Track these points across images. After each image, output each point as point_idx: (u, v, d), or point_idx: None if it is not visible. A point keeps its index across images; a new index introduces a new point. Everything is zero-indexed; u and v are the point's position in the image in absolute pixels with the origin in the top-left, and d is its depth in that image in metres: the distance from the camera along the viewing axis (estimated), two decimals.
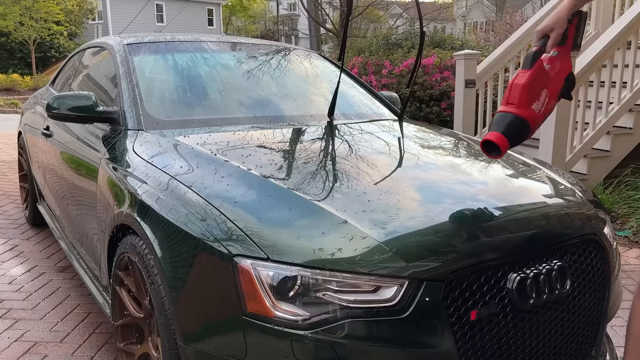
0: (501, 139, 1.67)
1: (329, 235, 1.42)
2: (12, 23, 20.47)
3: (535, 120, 1.74)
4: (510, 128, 1.69)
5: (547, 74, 1.76)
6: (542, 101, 1.74)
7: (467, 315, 1.39)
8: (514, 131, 1.70)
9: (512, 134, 1.69)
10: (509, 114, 1.70)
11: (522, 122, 1.71)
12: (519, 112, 1.70)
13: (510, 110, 1.71)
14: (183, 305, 1.51)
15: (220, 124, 2.32)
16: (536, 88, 1.73)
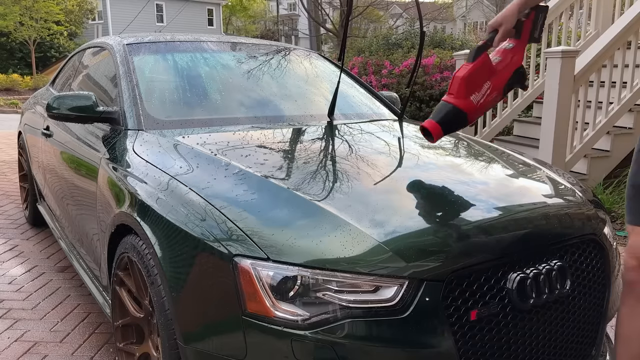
0: (435, 126, 1.84)
1: (329, 235, 1.42)
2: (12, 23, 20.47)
3: (472, 111, 1.84)
4: (446, 117, 1.84)
5: (492, 67, 1.85)
6: (483, 93, 1.84)
7: (467, 315, 1.39)
8: (449, 120, 1.84)
9: (447, 122, 1.85)
10: (447, 103, 1.84)
11: (458, 112, 1.83)
12: (456, 103, 1.82)
13: (448, 100, 1.84)
14: (183, 305, 1.51)
15: (220, 124, 2.32)
16: (477, 80, 1.82)
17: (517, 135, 5.86)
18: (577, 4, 5.65)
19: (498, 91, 1.87)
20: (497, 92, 1.87)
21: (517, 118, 5.83)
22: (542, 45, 5.47)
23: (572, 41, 5.86)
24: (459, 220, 1.53)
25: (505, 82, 1.88)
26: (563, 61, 4.05)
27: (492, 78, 1.85)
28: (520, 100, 5.47)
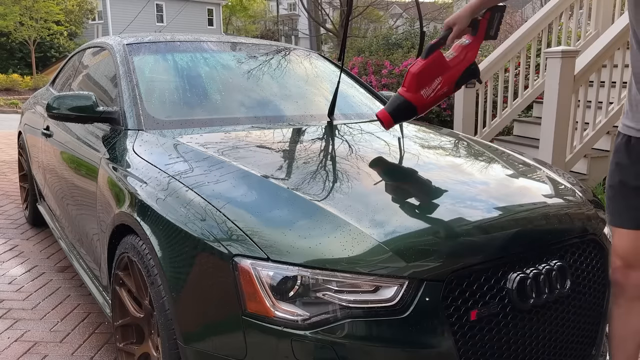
0: (386, 116, 2.05)
1: (329, 235, 1.42)
2: (12, 23, 20.47)
3: (422, 104, 2.01)
4: (397, 109, 2.03)
5: (444, 63, 1.99)
6: (434, 88, 1.99)
7: (467, 315, 1.39)
8: (400, 111, 2.04)
9: (398, 113, 2.05)
10: (399, 96, 2.02)
11: (408, 104, 2.01)
12: (407, 96, 1.99)
13: (401, 93, 2.01)
14: (183, 305, 1.51)
15: (220, 124, 2.32)
16: (428, 76, 1.97)
17: (517, 135, 5.86)
18: (577, 4, 5.64)
19: (449, 86, 2.00)
20: (447, 87, 2.00)
21: (517, 118, 5.83)
22: (542, 45, 5.47)
23: (572, 41, 5.86)
24: (459, 220, 1.53)
25: (456, 78, 2.00)
26: (563, 61, 4.05)
27: (444, 74, 1.98)
28: (520, 100, 5.47)
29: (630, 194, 1.58)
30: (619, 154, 1.61)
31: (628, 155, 1.57)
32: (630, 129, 1.56)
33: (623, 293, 1.64)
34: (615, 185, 1.61)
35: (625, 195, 1.59)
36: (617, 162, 1.61)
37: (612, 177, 1.62)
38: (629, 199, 1.58)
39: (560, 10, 5.47)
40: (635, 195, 1.57)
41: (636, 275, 1.61)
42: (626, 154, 1.58)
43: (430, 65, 1.95)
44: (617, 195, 1.61)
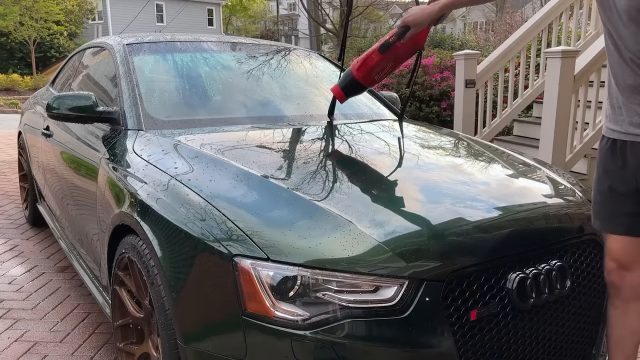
0: (339, 91, 2.37)
1: (329, 235, 1.42)
2: (12, 23, 20.46)
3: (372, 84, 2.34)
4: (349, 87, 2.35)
5: (396, 53, 2.20)
6: (384, 72, 2.28)
7: (467, 316, 1.39)
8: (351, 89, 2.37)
9: (349, 90, 2.37)
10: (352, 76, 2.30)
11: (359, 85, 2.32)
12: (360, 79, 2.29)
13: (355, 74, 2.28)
14: (183, 305, 1.51)
15: (220, 124, 2.32)
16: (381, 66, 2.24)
17: (517, 135, 5.86)
18: (577, 4, 5.65)
19: (395, 67, 2.30)
20: (395, 67, 2.29)
21: (517, 118, 5.83)
22: (542, 45, 5.47)
23: (572, 41, 5.86)
24: (459, 220, 1.53)
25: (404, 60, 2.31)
26: (563, 61, 4.05)
27: (396, 60, 2.25)
28: (520, 100, 5.47)
29: (618, 200, 1.54)
30: (605, 159, 1.56)
31: (615, 159, 1.53)
32: (615, 132, 1.51)
33: (619, 294, 1.63)
34: (604, 191, 1.57)
35: (614, 201, 1.55)
36: (604, 168, 1.57)
37: (601, 182, 1.58)
38: (618, 204, 1.54)
39: (560, 10, 5.47)
40: (623, 200, 1.53)
41: (631, 277, 1.60)
42: (613, 158, 1.53)
43: (386, 57, 2.21)
44: (605, 201, 1.57)
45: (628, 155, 1.48)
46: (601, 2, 1.46)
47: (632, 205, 1.51)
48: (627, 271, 1.59)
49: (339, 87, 2.34)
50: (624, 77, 1.41)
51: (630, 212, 1.52)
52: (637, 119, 1.42)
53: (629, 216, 1.52)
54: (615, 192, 1.53)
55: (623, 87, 1.42)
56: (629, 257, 1.57)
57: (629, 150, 1.47)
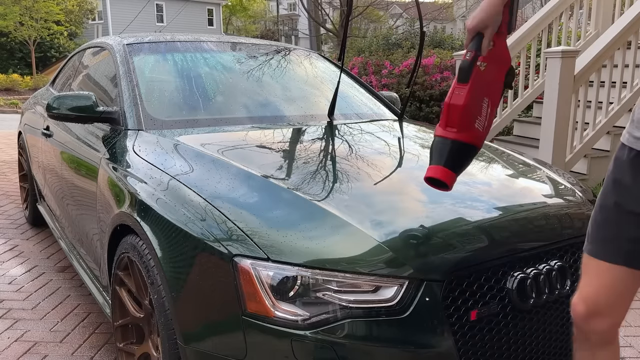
0: (445, 173, 1.46)
1: (329, 235, 1.42)
2: (12, 23, 20.45)
3: (481, 139, 1.52)
4: (455, 157, 1.48)
5: (484, 79, 1.50)
6: (485, 114, 1.50)
7: (467, 315, 1.39)
8: (459, 159, 1.49)
9: (457, 163, 1.49)
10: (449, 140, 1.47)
11: (466, 147, 1.48)
12: (463, 138, 1.47)
13: (451, 136, 1.47)
14: (183, 305, 1.51)
15: (221, 124, 2.32)
16: (477, 103, 1.48)
17: (517, 135, 5.86)
18: (577, 4, 5.65)
19: (496, 104, 1.55)
20: (495, 105, 1.55)
21: (517, 118, 5.82)
22: (542, 45, 5.47)
23: (572, 41, 5.86)
24: (459, 220, 1.53)
25: (500, 91, 1.56)
26: (563, 61, 4.05)
27: (489, 92, 1.51)
28: (520, 100, 5.47)
29: (624, 220, 1.25)
30: (621, 171, 1.26)
31: (633, 173, 1.23)
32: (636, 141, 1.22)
33: (586, 339, 1.36)
34: (608, 206, 1.27)
35: (619, 221, 1.26)
36: (615, 179, 1.27)
37: (607, 196, 1.28)
38: (621, 226, 1.26)
39: (560, 10, 5.47)
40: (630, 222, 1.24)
41: (601, 321, 1.30)
42: (631, 171, 1.24)
43: (475, 88, 1.46)
44: (607, 221, 1.28)
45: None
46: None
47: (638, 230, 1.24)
48: (598, 314, 1.30)
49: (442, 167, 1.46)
50: None
51: (634, 238, 1.24)
52: None
53: (632, 242, 1.25)
54: (622, 210, 1.25)
55: None
56: (609, 296, 1.28)
57: None
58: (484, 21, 1.45)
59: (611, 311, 1.29)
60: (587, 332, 1.33)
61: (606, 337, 1.33)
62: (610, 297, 1.28)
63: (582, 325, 1.33)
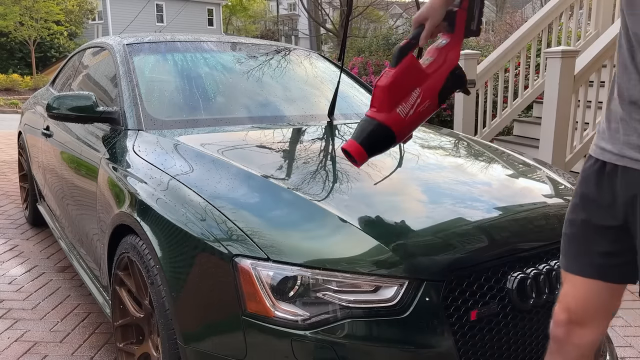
0: (357, 148, 1.53)
1: (329, 235, 1.42)
2: (12, 23, 20.45)
3: (401, 125, 1.53)
4: (369, 137, 1.53)
5: (421, 70, 1.55)
6: (412, 103, 1.54)
7: (467, 315, 1.39)
8: (373, 140, 1.54)
9: (371, 142, 1.54)
10: (370, 119, 1.54)
11: (382, 128, 1.52)
12: (381, 118, 1.53)
13: (371, 115, 1.54)
14: (183, 305, 1.51)
15: (221, 124, 2.32)
16: (403, 88, 1.52)
17: (517, 135, 5.86)
18: (577, 4, 5.65)
19: (431, 99, 1.58)
20: (430, 100, 1.57)
21: (517, 118, 5.83)
22: (542, 45, 5.47)
23: (572, 41, 5.86)
24: (459, 220, 1.53)
25: (439, 87, 1.58)
26: (563, 61, 4.05)
27: (423, 84, 1.56)
28: (520, 100, 5.47)
29: (592, 234, 1.22)
30: (587, 183, 1.22)
31: (600, 187, 1.19)
32: (606, 153, 1.18)
33: (561, 352, 1.33)
34: (577, 221, 1.25)
35: (588, 236, 1.23)
36: (582, 194, 1.24)
37: (575, 211, 1.26)
38: (591, 240, 1.23)
39: (560, 10, 5.47)
40: (599, 237, 1.21)
41: (581, 334, 1.28)
42: (598, 185, 1.20)
43: (403, 73, 1.51)
44: (577, 235, 1.25)
45: (618, 183, 1.16)
46: None
47: (608, 244, 1.21)
48: (578, 327, 1.28)
49: (355, 142, 1.56)
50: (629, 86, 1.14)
51: (605, 252, 1.21)
52: (636, 139, 1.11)
53: (603, 256, 1.22)
54: (590, 224, 1.22)
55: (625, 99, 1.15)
56: (588, 309, 1.26)
57: (620, 178, 1.15)
58: (424, 14, 1.53)
59: (592, 322, 1.28)
60: (565, 344, 1.31)
61: (583, 351, 1.31)
62: (590, 309, 1.27)
63: (562, 336, 1.31)
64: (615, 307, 1.29)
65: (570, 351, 1.31)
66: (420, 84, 1.55)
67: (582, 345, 1.29)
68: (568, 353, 1.31)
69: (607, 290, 1.24)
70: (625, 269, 1.19)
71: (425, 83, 1.56)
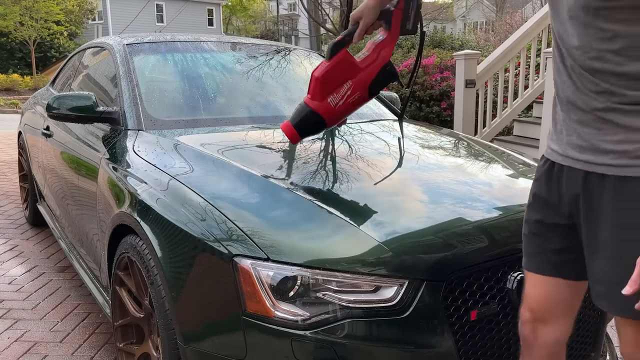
0: (291, 130, 1.72)
1: (329, 235, 1.42)
2: (12, 23, 20.45)
3: (330, 114, 1.70)
4: (302, 120, 1.71)
5: (353, 65, 1.69)
6: (343, 94, 1.68)
7: (467, 315, 1.39)
8: (305, 124, 1.72)
9: (303, 126, 1.72)
10: (304, 105, 1.71)
11: (313, 115, 1.69)
12: (313, 106, 1.69)
13: (306, 101, 1.71)
14: (183, 305, 1.51)
15: (221, 124, 2.32)
16: (335, 80, 1.67)
17: (517, 135, 5.86)
18: None
19: (362, 92, 1.70)
20: (360, 92, 1.70)
21: (517, 118, 5.83)
22: (542, 45, 5.47)
23: None
24: (459, 220, 1.53)
25: (369, 81, 1.70)
26: None
27: (354, 77, 1.69)
28: (520, 100, 5.48)
29: (546, 233, 1.26)
30: (539, 183, 1.27)
31: (550, 186, 1.23)
32: (554, 153, 1.21)
33: (531, 352, 1.35)
34: (531, 221, 1.29)
35: (542, 235, 1.27)
36: (535, 194, 1.28)
37: (529, 211, 1.30)
38: (545, 238, 1.26)
39: None
40: (553, 235, 1.25)
41: (546, 332, 1.31)
42: (547, 184, 1.23)
43: (336, 67, 1.66)
44: (533, 234, 1.28)
45: (563, 183, 1.19)
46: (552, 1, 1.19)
47: (561, 241, 1.24)
48: (541, 324, 1.31)
49: (290, 124, 1.72)
50: (564, 87, 1.17)
51: (558, 250, 1.25)
52: (576, 139, 1.14)
53: (557, 254, 1.25)
54: (543, 225, 1.26)
55: (563, 100, 1.18)
56: (549, 306, 1.29)
57: (565, 178, 1.18)
58: (359, 13, 1.65)
59: (555, 319, 1.30)
60: (533, 344, 1.33)
61: (551, 350, 1.33)
62: (552, 306, 1.29)
63: (528, 335, 1.33)
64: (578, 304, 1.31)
65: (538, 350, 1.33)
66: (352, 77, 1.69)
67: (548, 343, 1.32)
68: (537, 352, 1.33)
69: (566, 288, 1.27)
70: (580, 266, 1.21)
71: (357, 76, 1.69)
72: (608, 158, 1.09)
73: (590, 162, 1.12)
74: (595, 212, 1.12)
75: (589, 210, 1.13)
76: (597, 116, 1.10)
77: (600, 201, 1.10)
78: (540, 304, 1.30)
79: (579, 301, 1.31)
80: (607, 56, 1.06)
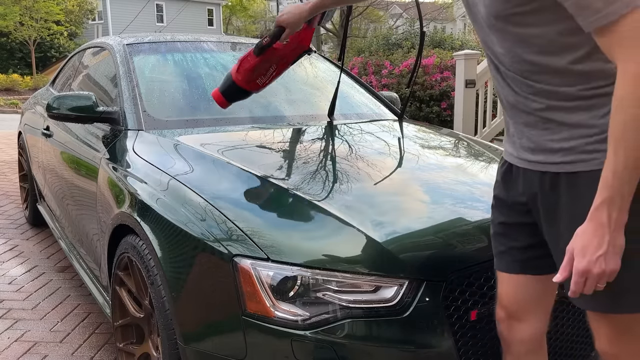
0: (219, 97, 2.05)
1: (329, 235, 1.42)
2: (12, 23, 20.45)
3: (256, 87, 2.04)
4: (232, 91, 2.04)
5: (279, 53, 1.98)
6: (269, 75, 2.02)
7: (467, 315, 1.39)
8: (234, 94, 2.05)
9: (231, 96, 2.06)
10: (233, 81, 2.01)
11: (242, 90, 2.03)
12: (242, 84, 2.01)
13: (235, 79, 2.00)
14: (183, 305, 1.51)
15: (221, 124, 2.32)
16: (264, 68, 1.99)
17: None
18: None
19: (283, 69, 2.05)
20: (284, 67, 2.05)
21: None
22: None
23: None
24: (459, 220, 1.53)
25: (289, 62, 2.06)
26: None
27: (279, 62, 2.01)
28: None
29: (510, 233, 1.28)
30: (499, 185, 1.30)
31: (507, 187, 1.26)
32: (510, 156, 1.24)
33: (510, 350, 1.36)
34: (495, 222, 1.32)
35: (507, 235, 1.29)
36: (496, 196, 1.31)
37: (493, 213, 1.33)
38: (510, 238, 1.28)
39: None
40: (517, 233, 1.26)
41: (520, 329, 1.32)
42: (505, 186, 1.26)
43: (262, 61, 1.97)
44: (498, 235, 1.31)
45: (520, 184, 1.21)
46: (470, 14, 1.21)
47: (527, 237, 1.25)
48: (516, 321, 1.32)
49: (219, 92, 2.04)
50: (505, 94, 1.19)
51: (525, 247, 1.26)
52: (526, 141, 1.17)
53: (523, 251, 1.27)
54: (507, 225, 1.28)
55: (506, 105, 1.20)
56: (521, 303, 1.30)
57: (522, 178, 1.21)
58: (287, 22, 1.84)
59: (529, 316, 1.31)
60: (510, 341, 1.34)
61: (529, 347, 1.33)
62: (523, 303, 1.30)
63: (505, 333, 1.35)
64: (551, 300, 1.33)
65: (517, 347, 1.34)
66: (277, 63, 2.01)
67: (525, 340, 1.33)
68: (516, 349, 1.35)
69: (536, 284, 1.29)
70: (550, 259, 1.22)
71: (280, 61, 2.02)
72: (558, 156, 1.11)
73: (543, 162, 1.14)
74: (554, 209, 1.14)
75: (548, 208, 1.15)
76: (540, 117, 1.12)
77: (558, 198, 1.13)
78: (512, 301, 1.31)
79: (552, 296, 1.33)
80: (530, 58, 1.08)
